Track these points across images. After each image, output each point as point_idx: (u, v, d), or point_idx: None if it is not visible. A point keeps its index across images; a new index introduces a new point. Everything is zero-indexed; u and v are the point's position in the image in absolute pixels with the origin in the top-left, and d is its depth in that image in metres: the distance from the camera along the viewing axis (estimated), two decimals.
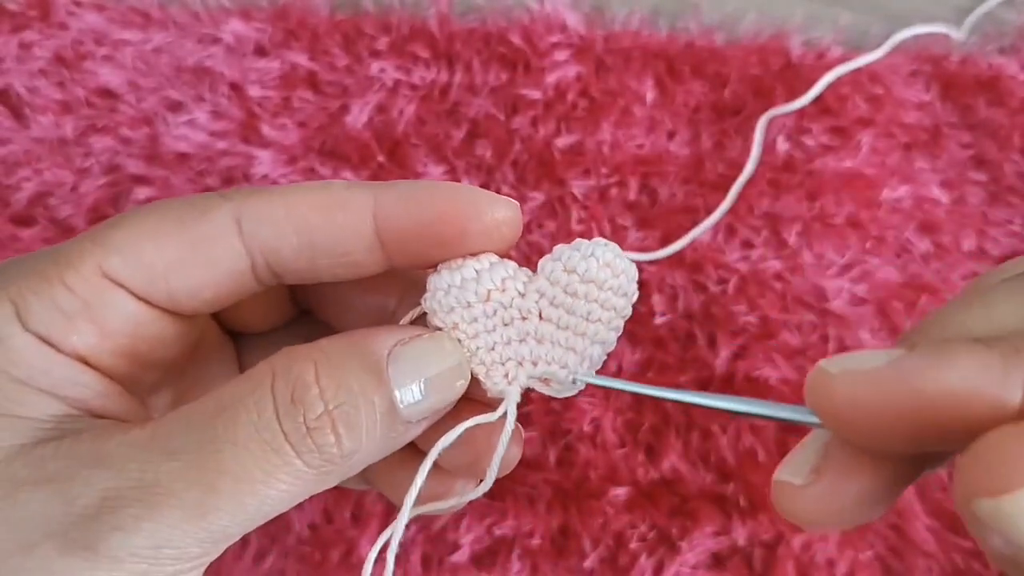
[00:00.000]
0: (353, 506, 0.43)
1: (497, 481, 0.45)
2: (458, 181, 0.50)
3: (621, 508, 0.43)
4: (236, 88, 0.53)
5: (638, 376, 0.46)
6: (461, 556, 0.42)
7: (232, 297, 0.27)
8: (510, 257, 0.28)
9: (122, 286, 0.25)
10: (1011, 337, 0.18)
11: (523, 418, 0.45)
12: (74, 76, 0.53)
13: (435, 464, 0.27)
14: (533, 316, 0.27)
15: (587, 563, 0.42)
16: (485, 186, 0.50)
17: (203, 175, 0.50)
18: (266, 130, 0.51)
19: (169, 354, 0.28)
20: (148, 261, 0.25)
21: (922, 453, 0.20)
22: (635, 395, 0.27)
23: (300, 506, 0.43)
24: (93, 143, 0.51)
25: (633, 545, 0.42)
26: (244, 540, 0.43)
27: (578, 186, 0.50)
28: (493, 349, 0.27)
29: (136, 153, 0.51)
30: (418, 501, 0.26)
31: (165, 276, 0.26)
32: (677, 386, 0.45)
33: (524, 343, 0.27)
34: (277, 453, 0.23)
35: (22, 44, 0.53)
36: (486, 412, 0.27)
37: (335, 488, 0.45)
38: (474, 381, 0.27)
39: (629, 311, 0.27)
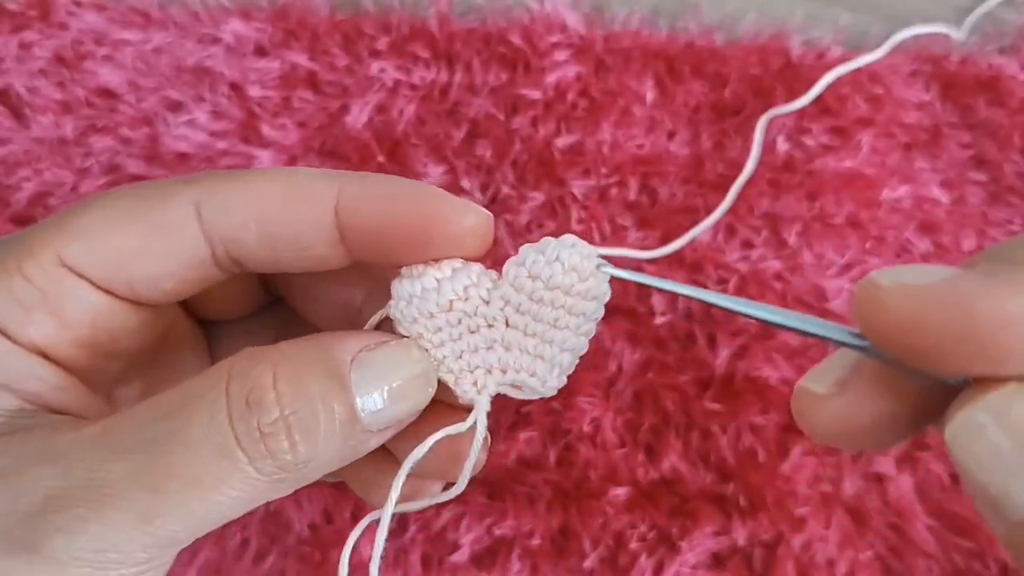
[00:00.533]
0: (353, 506, 0.43)
1: (497, 481, 0.45)
2: (458, 181, 0.50)
3: (621, 508, 0.43)
4: (236, 88, 0.53)
5: (637, 377, 0.46)
6: (461, 556, 0.42)
7: (195, 286, 0.27)
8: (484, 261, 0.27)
9: (82, 275, 0.25)
10: None
11: (522, 418, 0.45)
12: (74, 76, 0.53)
13: (387, 471, 0.27)
14: (499, 323, 0.26)
15: (587, 563, 0.42)
16: (485, 186, 0.50)
17: None
18: (266, 130, 0.51)
19: (133, 345, 0.27)
20: (108, 249, 0.25)
21: (958, 387, 0.19)
22: (660, 291, 0.25)
23: (300, 506, 0.43)
24: (93, 143, 0.51)
25: (633, 545, 0.42)
26: (244, 540, 0.43)
27: (578, 186, 0.50)
28: (460, 357, 0.26)
29: (136, 153, 0.51)
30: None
31: (125, 265, 0.25)
32: (678, 387, 0.45)
33: (492, 351, 0.26)
34: (228, 458, 0.22)
35: (22, 44, 0.53)
36: (455, 417, 0.26)
37: (335, 488, 0.45)
38: (442, 384, 0.26)
39: (601, 313, 0.26)
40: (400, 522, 0.43)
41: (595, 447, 0.44)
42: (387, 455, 0.28)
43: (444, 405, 0.27)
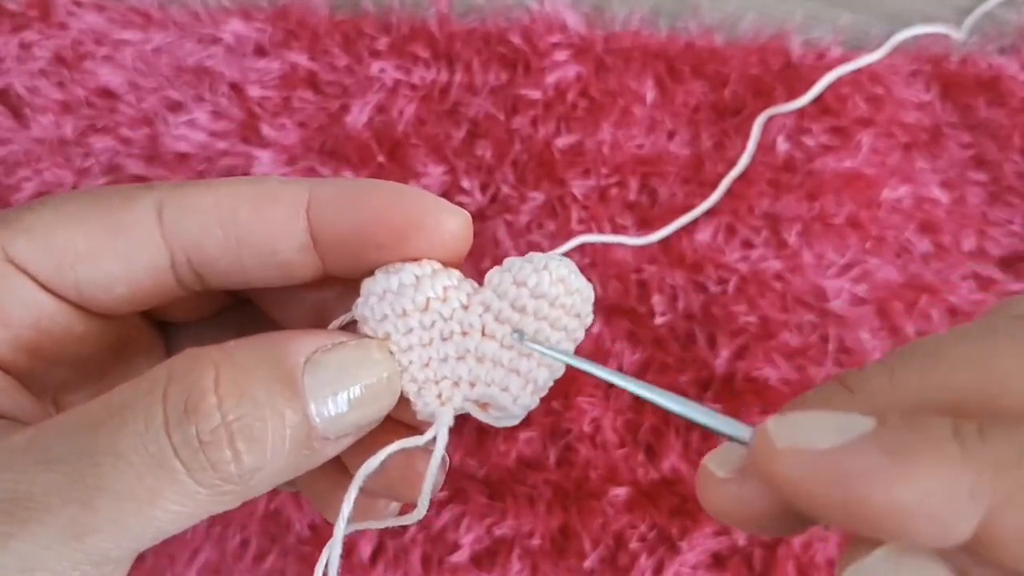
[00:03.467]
0: None
1: (497, 481, 0.45)
2: (458, 181, 0.50)
3: (621, 508, 0.43)
4: (236, 88, 0.53)
5: (638, 377, 0.46)
6: (461, 556, 0.42)
7: (150, 298, 0.25)
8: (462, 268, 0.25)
9: (26, 272, 0.23)
10: (1004, 436, 0.16)
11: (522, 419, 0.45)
12: (74, 76, 0.53)
13: (343, 486, 0.25)
14: (475, 332, 0.24)
15: (587, 563, 0.42)
16: (485, 186, 0.50)
17: (203, 175, 0.50)
18: (266, 130, 0.51)
19: (82, 351, 0.25)
20: (57, 247, 0.23)
21: None
22: (589, 374, 0.25)
23: (300, 506, 0.43)
24: (93, 143, 0.51)
25: (633, 545, 0.42)
26: (244, 540, 0.43)
27: (578, 186, 0.50)
28: (427, 365, 0.24)
29: (136, 153, 0.51)
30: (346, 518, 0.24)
31: (73, 265, 0.23)
32: (678, 386, 0.45)
33: (463, 361, 0.24)
34: (164, 469, 0.20)
35: (22, 44, 0.53)
36: (410, 432, 0.24)
37: None
38: (400, 401, 0.24)
39: (581, 335, 0.24)
40: None
41: (595, 447, 0.44)
42: (344, 467, 0.27)
43: (399, 423, 0.25)
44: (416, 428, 0.25)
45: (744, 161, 0.50)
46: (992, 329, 0.18)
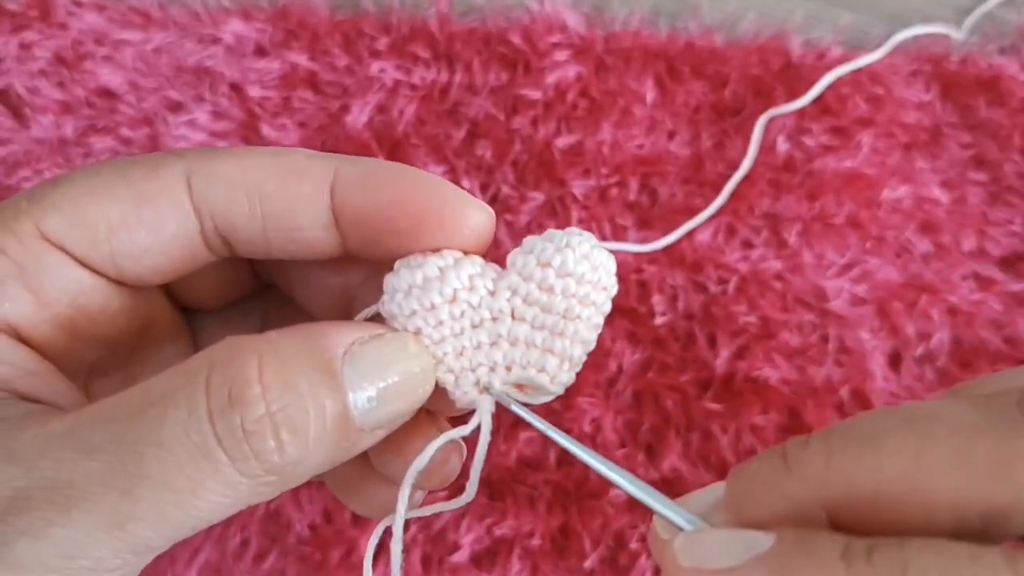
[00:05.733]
0: None
1: (497, 481, 0.45)
2: (458, 181, 0.50)
3: (621, 508, 0.43)
4: (236, 88, 0.53)
5: (638, 377, 0.46)
6: (461, 556, 0.42)
7: (182, 266, 0.25)
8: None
9: (62, 248, 0.23)
10: (890, 557, 0.17)
11: (522, 419, 0.45)
12: (74, 76, 0.53)
13: (369, 475, 0.26)
14: (505, 316, 0.24)
15: (587, 563, 0.42)
16: (485, 186, 0.50)
17: None
18: (266, 130, 0.51)
19: (115, 330, 0.25)
20: (90, 220, 0.23)
21: None
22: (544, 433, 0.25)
23: (300, 506, 0.43)
24: (93, 143, 0.51)
25: (633, 545, 0.42)
26: (244, 540, 0.43)
27: (578, 186, 0.50)
28: (462, 355, 0.24)
29: (136, 153, 0.51)
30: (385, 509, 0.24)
31: (108, 237, 0.23)
32: (678, 387, 0.45)
33: (496, 346, 0.24)
34: (207, 459, 0.20)
35: (22, 44, 0.53)
36: (433, 425, 0.25)
37: None
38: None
39: (609, 307, 0.24)
40: None
41: (595, 447, 0.44)
42: (366, 455, 0.27)
43: (424, 412, 0.25)
44: (437, 417, 0.26)
45: (747, 163, 0.50)
46: (934, 416, 0.18)
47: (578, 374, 0.25)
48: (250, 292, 0.30)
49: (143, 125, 0.52)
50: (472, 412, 0.24)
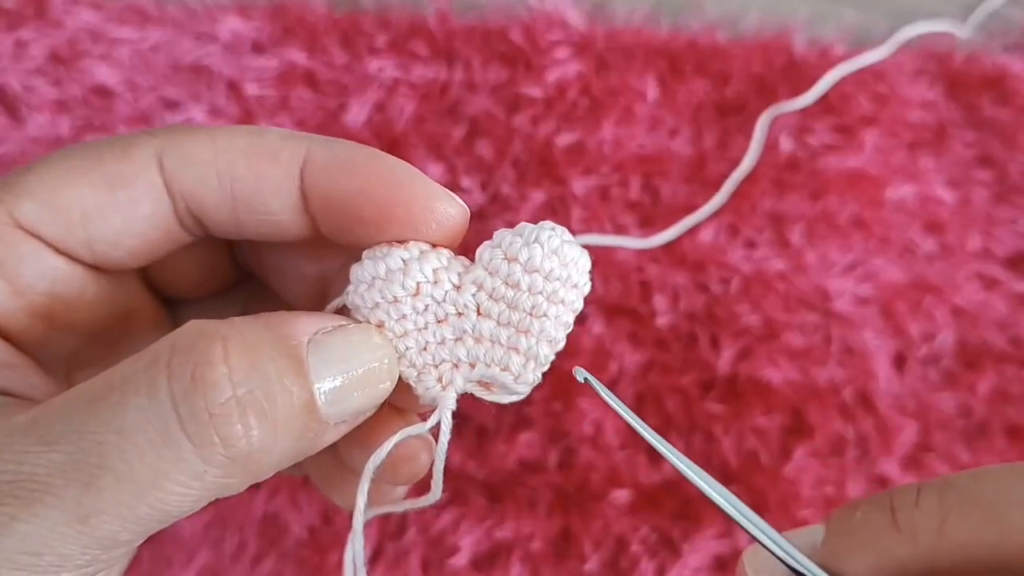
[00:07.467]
0: None
1: (497, 483, 0.45)
2: (458, 180, 0.50)
3: (622, 511, 0.42)
4: (233, 86, 0.52)
5: (639, 378, 0.45)
6: (460, 559, 0.42)
7: (158, 247, 0.24)
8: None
9: (37, 236, 0.23)
10: None
11: (523, 419, 0.45)
12: (70, 74, 0.52)
13: (349, 468, 0.25)
14: (470, 311, 0.23)
15: (588, 566, 0.42)
16: (485, 185, 0.50)
17: None
18: None
19: (93, 317, 0.25)
20: (65, 206, 0.22)
21: None
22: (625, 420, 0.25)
23: (299, 508, 0.43)
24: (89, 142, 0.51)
25: (634, 548, 0.42)
26: (241, 543, 0.43)
27: (579, 185, 0.50)
28: (425, 349, 0.23)
29: None
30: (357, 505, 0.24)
31: (83, 222, 0.23)
32: (680, 388, 0.45)
33: (460, 342, 0.23)
34: (169, 446, 0.19)
35: (18, 42, 0.53)
36: (401, 421, 0.24)
37: None
38: (397, 385, 0.24)
39: (580, 305, 0.24)
40: (399, 524, 0.43)
41: (596, 449, 0.44)
42: (331, 450, 0.26)
43: (392, 408, 0.25)
44: (406, 413, 0.25)
45: (749, 162, 0.50)
46: None
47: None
48: (232, 283, 0.29)
49: (140, 123, 0.51)
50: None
